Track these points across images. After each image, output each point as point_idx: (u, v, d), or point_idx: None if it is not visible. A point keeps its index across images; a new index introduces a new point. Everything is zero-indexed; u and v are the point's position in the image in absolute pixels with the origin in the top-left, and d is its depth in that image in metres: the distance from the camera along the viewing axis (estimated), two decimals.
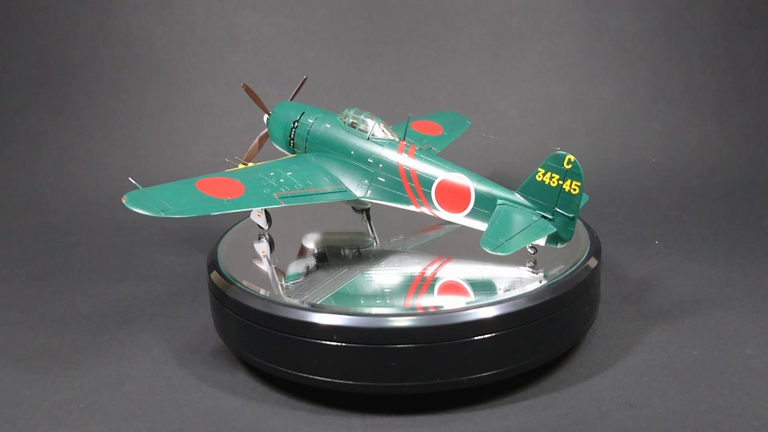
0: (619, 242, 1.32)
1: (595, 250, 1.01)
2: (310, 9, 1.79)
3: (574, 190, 0.91)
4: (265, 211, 1.12)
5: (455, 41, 1.78)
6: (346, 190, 1.05)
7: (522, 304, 0.88)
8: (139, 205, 0.94)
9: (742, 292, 1.13)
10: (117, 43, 1.79)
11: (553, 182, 0.92)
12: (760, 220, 1.41)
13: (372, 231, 1.13)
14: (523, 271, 0.95)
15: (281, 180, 1.04)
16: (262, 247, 1.10)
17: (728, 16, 1.76)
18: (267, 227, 1.13)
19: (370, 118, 1.06)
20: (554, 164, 0.92)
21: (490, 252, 0.92)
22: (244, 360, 0.97)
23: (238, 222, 1.17)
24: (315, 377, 0.88)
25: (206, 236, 1.41)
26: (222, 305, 0.96)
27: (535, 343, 0.89)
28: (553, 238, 0.95)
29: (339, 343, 0.86)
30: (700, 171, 1.62)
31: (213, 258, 1.04)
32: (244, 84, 1.17)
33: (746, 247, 1.29)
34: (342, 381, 0.87)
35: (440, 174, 1.00)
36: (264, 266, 1.06)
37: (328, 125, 1.09)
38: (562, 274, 0.93)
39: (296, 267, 1.04)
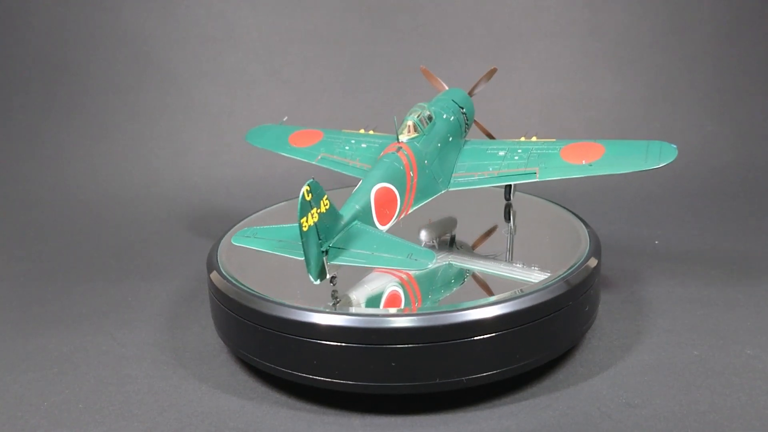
0: (619, 242, 1.32)
1: (595, 250, 1.01)
2: (310, 9, 1.79)
3: (303, 226, 0.82)
4: None
5: (455, 41, 1.78)
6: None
7: (522, 304, 0.87)
8: (249, 135, 1.25)
9: (742, 292, 1.13)
10: (117, 43, 1.79)
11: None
12: (761, 220, 1.41)
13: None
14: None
15: (347, 147, 1.17)
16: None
17: (728, 16, 1.76)
18: None
19: (411, 113, 1.06)
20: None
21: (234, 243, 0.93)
22: (244, 360, 0.97)
23: (239, 222, 1.18)
24: (315, 377, 0.88)
25: (206, 236, 1.42)
26: (222, 305, 0.96)
27: (535, 343, 0.89)
28: None
29: (339, 343, 0.86)
30: (700, 171, 1.62)
31: (213, 258, 1.04)
32: (422, 67, 1.22)
33: (746, 247, 1.29)
34: (342, 381, 0.87)
35: (369, 181, 0.97)
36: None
37: None
38: (562, 274, 0.93)
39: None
